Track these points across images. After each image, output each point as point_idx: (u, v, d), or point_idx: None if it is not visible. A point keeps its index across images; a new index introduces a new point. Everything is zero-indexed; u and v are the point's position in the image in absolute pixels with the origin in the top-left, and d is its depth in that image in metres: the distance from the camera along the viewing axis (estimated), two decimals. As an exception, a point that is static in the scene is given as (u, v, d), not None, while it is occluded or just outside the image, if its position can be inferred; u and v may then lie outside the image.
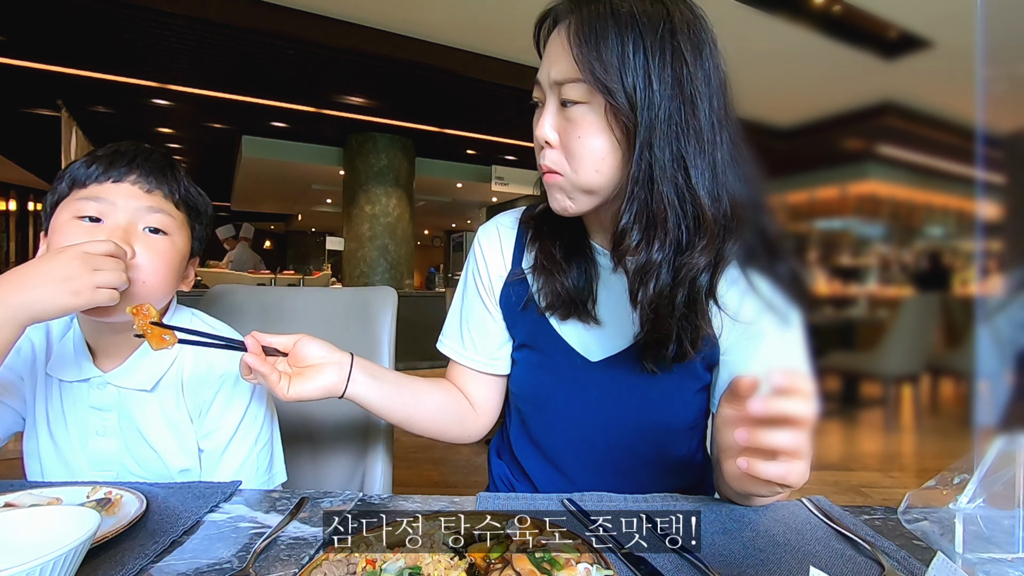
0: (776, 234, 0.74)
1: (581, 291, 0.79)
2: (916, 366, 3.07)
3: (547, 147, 0.70)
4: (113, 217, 0.76)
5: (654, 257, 0.66)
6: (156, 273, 0.77)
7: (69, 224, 0.74)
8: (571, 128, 0.67)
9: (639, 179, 0.64)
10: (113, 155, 0.78)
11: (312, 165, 8.42)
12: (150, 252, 0.77)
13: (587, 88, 0.64)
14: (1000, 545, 0.41)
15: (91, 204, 0.75)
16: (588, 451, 0.84)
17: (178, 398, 0.83)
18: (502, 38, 4.67)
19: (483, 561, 0.47)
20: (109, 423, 0.81)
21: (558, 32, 0.67)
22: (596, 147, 0.66)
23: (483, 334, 0.89)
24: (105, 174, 0.76)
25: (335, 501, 0.68)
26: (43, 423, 0.81)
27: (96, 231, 0.74)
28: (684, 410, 0.81)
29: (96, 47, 4.84)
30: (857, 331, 2.72)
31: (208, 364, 0.84)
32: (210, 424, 0.83)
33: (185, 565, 0.52)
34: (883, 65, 4.11)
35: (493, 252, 0.88)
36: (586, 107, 0.66)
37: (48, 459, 0.81)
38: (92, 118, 6.61)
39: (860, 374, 3.05)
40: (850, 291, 1.71)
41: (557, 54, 0.67)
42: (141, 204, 0.77)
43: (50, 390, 0.82)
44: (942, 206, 1.99)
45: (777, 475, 0.51)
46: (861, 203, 1.69)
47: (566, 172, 0.69)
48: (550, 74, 0.68)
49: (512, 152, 8.21)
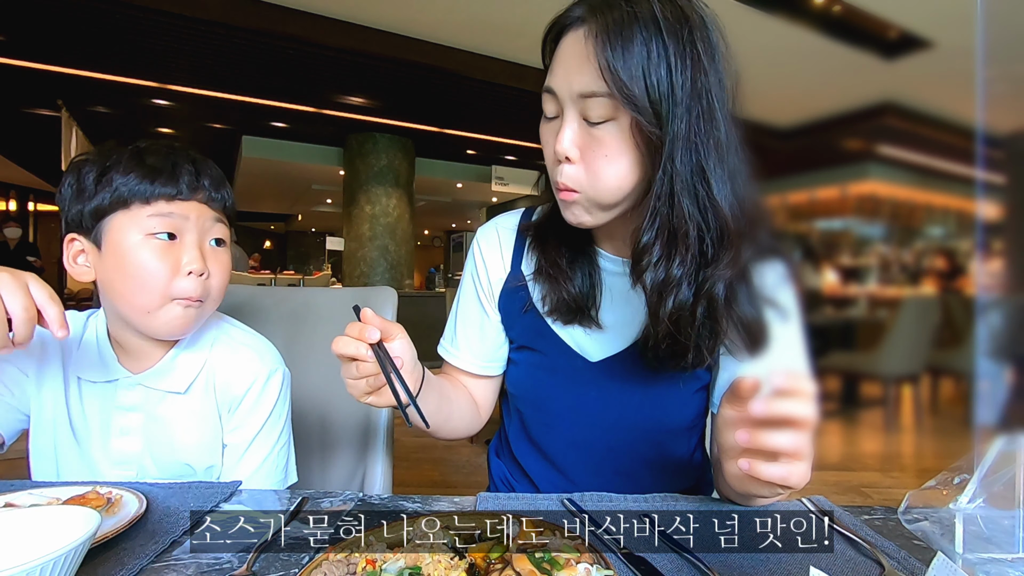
0: (774, 233, 0.73)
1: (585, 298, 0.78)
2: (916, 366, 3.06)
3: (566, 163, 0.66)
4: (188, 233, 0.77)
5: (674, 273, 0.64)
6: (222, 287, 0.82)
7: (144, 244, 0.75)
8: (596, 146, 0.64)
9: (661, 194, 0.62)
10: (173, 168, 0.77)
11: (312, 165, 8.42)
12: (217, 265, 0.80)
13: (614, 104, 0.61)
14: (1000, 545, 0.41)
15: (164, 221, 0.75)
16: (587, 451, 0.84)
17: (209, 396, 0.84)
18: (502, 38, 4.67)
19: (483, 561, 0.47)
20: (134, 423, 0.81)
21: (576, 38, 0.63)
22: (622, 165, 0.64)
23: (480, 336, 0.88)
24: (174, 189, 0.76)
25: (335, 501, 0.68)
26: (63, 422, 0.81)
27: (175, 250, 0.76)
28: (683, 410, 0.81)
29: (96, 47, 4.84)
30: (857, 331, 2.72)
31: (242, 361, 0.86)
32: (238, 419, 0.85)
33: (185, 565, 0.52)
34: (883, 65, 4.11)
35: (492, 254, 0.87)
36: (613, 124, 0.62)
37: (67, 457, 0.81)
38: (92, 118, 6.62)
39: (860, 374, 3.05)
40: (850, 291, 1.71)
41: (578, 63, 0.62)
42: (209, 219, 0.79)
43: (71, 388, 0.81)
44: (942, 206, 1.99)
45: (779, 476, 0.51)
46: (861, 203, 1.69)
47: (584, 189, 0.66)
48: (571, 86, 0.63)
49: (512, 152, 8.21)
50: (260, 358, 0.87)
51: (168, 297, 0.76)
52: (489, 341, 0.88)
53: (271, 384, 0.86)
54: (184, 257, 0.76)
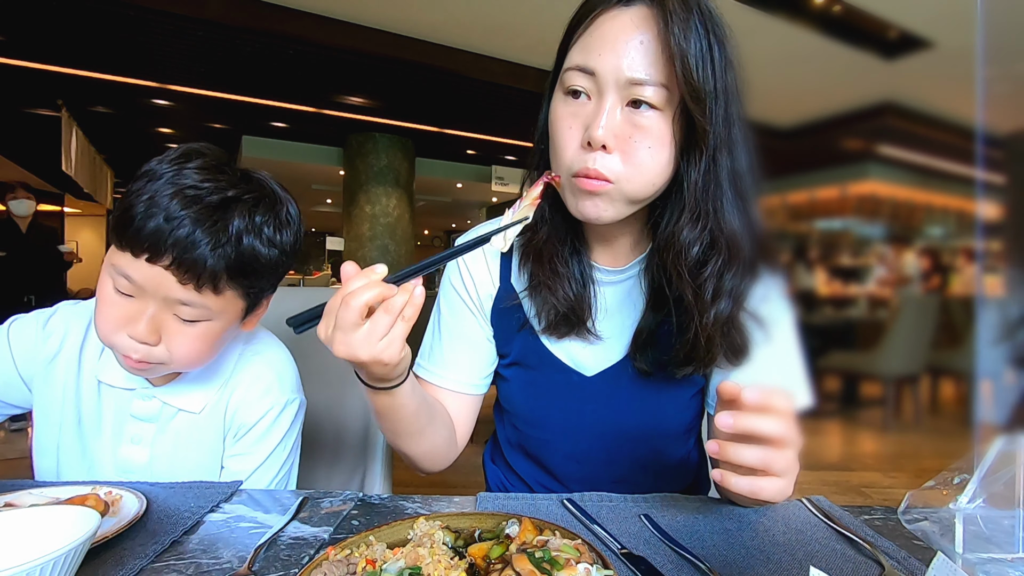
0: (765, 235, 0.71)
1: (582, 310, 0.75)
2: (916, 366, 3.07)
3: (601, 151, 0.61)
4: (143, 299, 0.68)
5: (727, 285, 0.62)
6: (184, 358, 0.72)
7: (108, 293, 0.69)
8: (640, 135, 0.60)
9: (706, 197, 0.60)
10: (156, 229, 0.65)
11: (312, 165, 8.42)
12: (180, 338, 0.70)
13: (666, 93, 0.58)
14: (1000, 545, 0.41)
15: (122, 281, 0.68)
16: (585, 462, 0.83)
17: (217, 419, 0.82)
18: (502, 38, 4.67)
19: (483, 561, 0.47)
20: (145, 433, 0.80)
21: (629, 19, 0.59)
22: (662, 159, 0.61)
23: (472, 352, 0.83)
24: (139, 248, 0.66)
25: (335, 501, 0.68)
26: (70, 422, 0.80)
27: (127, 306, 0.68)
28: (680, 415, 0.81)
29: (96, 47, 4.84)
30: (857, 331, 2.72)
31: (260, 390, 0.82)
32: (242, 447, 0.82)
33: (185, 565, 0.52)
34: (883, 65, 4.11)
35: (478, 267, 0.83)
36: (658, 113, 0.60)
37: (69, 457, 0.81)
38: (92, 118, 6.61)
39: (860, 374, 3.05)
40: (850, 291, 1.71)
41: (634, 45, 0.58)
42: (171, 296, 0.68)
43: (85, 390, 0.81)
44: (942, 206, 1.99)
45: (747, 490, 0.51)
46: (861, 203, 1.69)
47: (619, 181, 0.62)
48: (622, 70, 0.59)
49: (512, 152, 8.21)
50: (280, 387, 0.84)
51: (113, 347, 0.71)
52: (481, 357, 0.84)
53: (284, 415, 0.83)
54: (136, 321, 0.68)
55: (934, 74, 4.19)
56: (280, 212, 0.75)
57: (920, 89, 3.73)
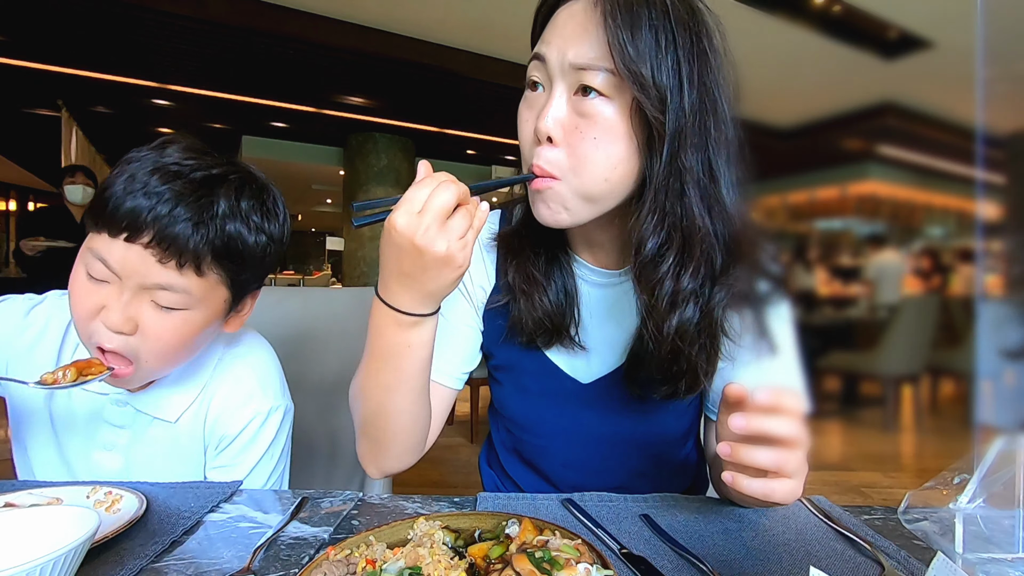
0: (749, 236, 0.66)
1: (564, 317, 0.72)
2: (916, 366, 3.07)
3: (546, 144, 0.59)
4: (118, 286, 0.65)
5: (686, 285, 0.59)
6: (160, 352, 0.68)
7: (80, 280, 0.66)
8: (586, 126, 0.58)
9: (668, 191, 0.58)
10: (135, 206, 0.62)
11: (312, 165, 8.43)
12: (156, 328, 0.67)
13: (615, 80, 0.56)
14: (1000, 545, 0.41)
15: (97, 266, 0.64)
16: (582, 469, 0.81)
17: (197, 428, 0.79)
18: (503, 38, 4.67)
19: (483, 561, 0.47)
20: (120, 440, 0.78)
21: (578, 8, 0.58)
22: (612, 152, 0.58)
23: (463, 342, 0.79)
24: (116, 227, 0.62)
25: (335, 501, 0.68)
26: (41, 420, 0.79)
27: (100, 293, 0.65)
28: (679, 420, 0.80)
29: (96, 47, 4.85)
30: (857, 331, 2.73)
31: (241, 397, 0.79)
32: (225, 459, 0.79)
33: (185, 565, 0.52)
34: (883, 65, 4.11)
35: (475, 261, 0.79)
36: (607, 102, 0.57)
37: (43, 459, 0.79)
38: (92, 118, 6.61)
39: (860, 374, 3.06)
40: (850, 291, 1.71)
41: (578, 32, 0.57)
42: (149, 280, 0.65)
43: (58, 392, 0.77)
44: (942, 206, 1.99)
45: (760, 492, 0.51)
46: (861, 203, 1.69)
47: (566, 177, 0.60)
48: (567, 55, 0.57)
49: (512, 152, 8.09)
50: (263, 392, 0.80)
51: (88, 338, 0.67)
52: (468, 348, 0.80)
53: (269, 423, 0.80)
54: (110, 309, 0.65)
55: (934, 74, 4.19)
56: (267, 200, 0.73)
57: (920, 89, 3.73)
